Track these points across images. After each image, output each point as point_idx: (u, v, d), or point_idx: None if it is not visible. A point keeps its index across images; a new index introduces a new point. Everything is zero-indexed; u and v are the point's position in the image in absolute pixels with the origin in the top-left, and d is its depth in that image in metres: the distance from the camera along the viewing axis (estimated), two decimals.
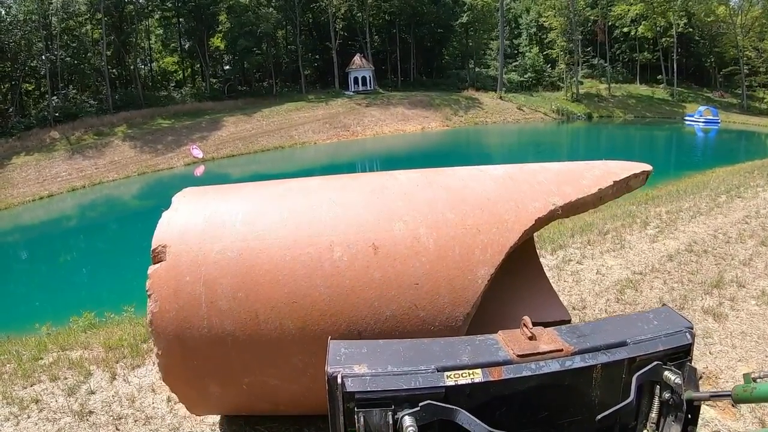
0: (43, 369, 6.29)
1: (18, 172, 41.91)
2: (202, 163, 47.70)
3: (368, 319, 3.52)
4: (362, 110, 60.74)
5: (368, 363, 2.49)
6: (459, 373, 2.44)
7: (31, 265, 27.14)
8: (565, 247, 8.90)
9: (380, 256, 3.59)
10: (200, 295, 3.60)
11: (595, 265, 7.91)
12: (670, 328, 2.78)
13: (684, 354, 2.71)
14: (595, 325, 2.85)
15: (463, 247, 3.61)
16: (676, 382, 2.59)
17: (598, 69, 72.68)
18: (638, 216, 10.68)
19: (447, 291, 3.52)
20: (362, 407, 2.37)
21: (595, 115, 63.01)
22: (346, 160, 49.51)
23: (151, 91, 64.62)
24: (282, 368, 3.64)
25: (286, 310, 3.54)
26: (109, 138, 49.03)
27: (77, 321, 9.89)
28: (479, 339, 2.70)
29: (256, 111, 58.21)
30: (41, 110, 53.43)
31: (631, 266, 7.75)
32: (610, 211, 11.79)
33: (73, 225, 34.91)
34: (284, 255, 3.64)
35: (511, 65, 74.86)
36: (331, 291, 3.54)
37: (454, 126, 59.68)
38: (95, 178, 42.73)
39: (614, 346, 2.63)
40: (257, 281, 3.59)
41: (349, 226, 3.75)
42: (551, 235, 9.84)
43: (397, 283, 3.54)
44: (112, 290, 20.11)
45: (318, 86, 70.92)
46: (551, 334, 2.71)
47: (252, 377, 3.70)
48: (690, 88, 70.28)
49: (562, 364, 2.54)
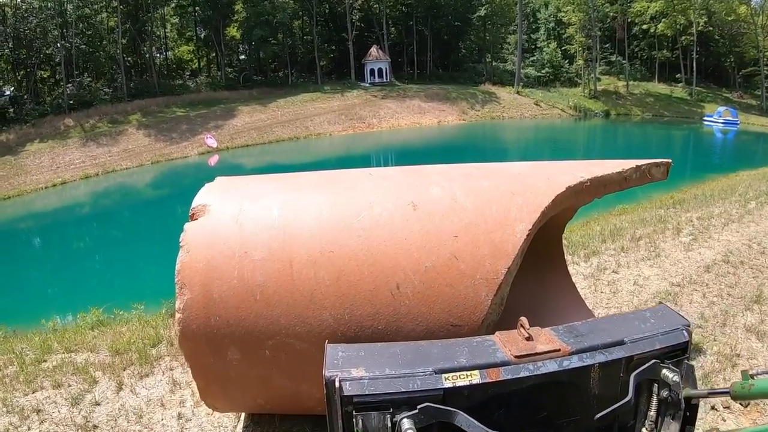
0: (47, 374, 6.01)
1: (32, 159, 41.77)
2: (217, 152, 47.44)
3: (407, 269, 3.42)
4: (378, 102, 60.31)
5: (366, 366, 2.52)
6: (457, 375, 2.47)
7: (41, 254, 26.92)
8: (598, 254, 8.53)
9: (419, 212, 3.59)
10: (234, 246, 3.55)
11: (631, 275, 7.53)
12: (668, 326, 2.82)
13: (682, 352, 2.75)
14: (593, 324, 2.89)
15: (500, 207, 3.61)
16: (674, 380, 2.62)
17: (616, 66, 71.74)
18: (669, 221, 10.30)
19: (486, 243, 3.46)
20: (360, 410, 2.40)
21: (612, 113, 62.11)
22: (362, 152, 49.29)
23: (166, 80, 64.13)
24: (312, 325, 3.44)
25: (322, 260, 3.47)
26: (124, 126, 48.84)
27: (85, 318, 9.61)
28: (477, 340, 2.74)
29: (272, 101, 57.87)
30: (56, 97, 53.19)
31: (668, 277, 7.38)
32: (638, 215, 11.44)
33: (85, 213, 34.74)
34: (322, 210, 3.66)
35: (529, 60, 73.90)
36: (370, 242, 3.50)
37: (470, 120, 59.06)
38: (108, 166, 42.54)
39: (612, 345, 2.67)
40: (294, 233, 3.56)
41: (388, 190, 3.82)
42: (581, 239, 9.47)
43: (437, 236, 3.49)
44: (122, 282, 19.91)
45: (334, 77, 70.36)
46: (548, 335, 2.74)
47: (277, 339, 3.49)
48: (708, 87, 69.16)
49: (560, 364, 2.57)
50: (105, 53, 59.52)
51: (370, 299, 3.38)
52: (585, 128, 58.86)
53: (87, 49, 57.02)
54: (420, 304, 3.36)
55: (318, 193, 3.87)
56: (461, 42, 77.56)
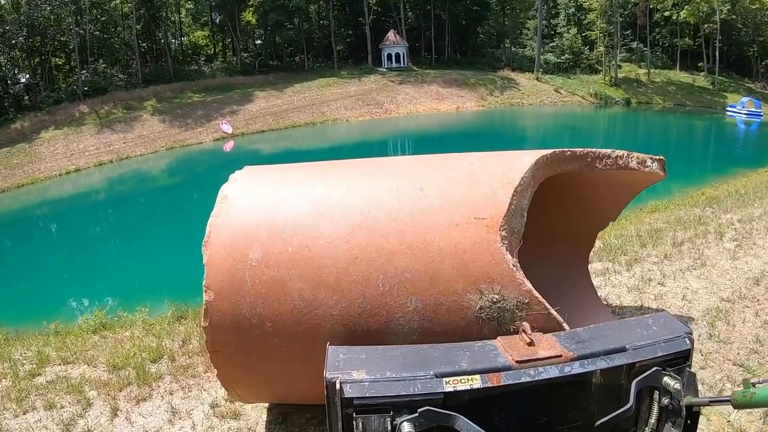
0: (39, 391, 5.64)
1: (46, 146, 41.59)
2: (232, 138, 47.30)
3: (433, 177, 3.88)
4: (395, 87, 59.59)
5: (367, 369, 2.53)
6: (458, 379, 2.49)
7: (53, 244, 26.55)
8: (640, 261, 7.91)
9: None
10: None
11: (678, 288, 6.92)
12: (669, 333, 2.82)
13: (683, 359, 2.75)
14: (595, 330, 2.89)
15: (506, 158, 4.07)
16: (676, 387, 2.61)
17: (637, 53, 70.48)
18: (709, 223, 9.65)
19: (500, 167, 3.85)
20: (361, 413, 2.40)
21: (633, 101, 60.84)
22: (379, 138, 49.09)
23: (182, 66, 63.80)
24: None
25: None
26: (138, 112, 48.56)
27: (87, 320, 9.21)
28: (478, 345, 2.76)
29: (288, 86, 57.37)
30: (71, 84, 53.09)
31: (717, 291, 6.74)
32: (672, 214, 10.82)
33: (98, 200, 34.55)
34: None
35: (548, 46, 72.66)
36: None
37: (489, 106, 58.19)
38: (123, 152, 42.32)
39: (613, 351, 2.68)
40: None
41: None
42: (618, 241, 8.87)
43: (458, 160, 4.19)
44: (133, 272, 19.62)
45: (350, 62, 69.64)
46: (550, 340, 2.76)
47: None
48: (731, 77, 67.58)
49: (561, 370, 2.57)
50: (119, 39, 59.25)
51: (398, 196, 3.69)
52: (605, 116, 57.73)
53: (101, 35, 56.77)
54: (443, 203, 3.59)
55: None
56: (480, 27, 76.45)
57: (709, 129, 51.38)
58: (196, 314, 7.74)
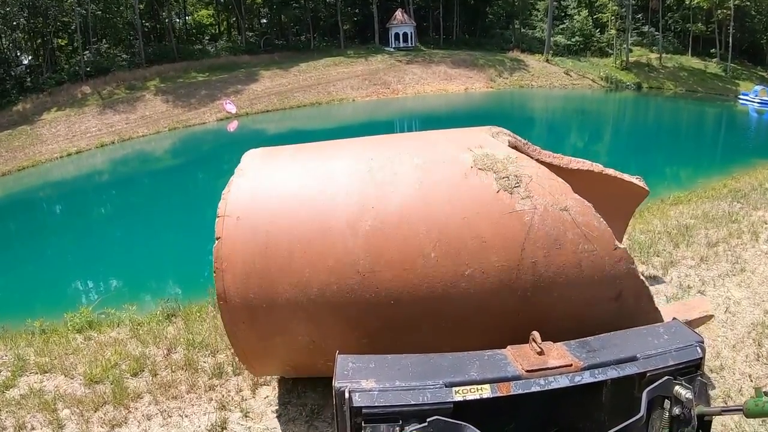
0: (11, 408, 5.22)
1: (48, 128, 40.97)
2: (236, 118, 46.75)
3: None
4: (403, 67, 58.77)
5: (376, 378, 2.52)
6: (467, 388, 2.47)
7: (49, 230, 25.66)
8: (676, 264, 7.39)
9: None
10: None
11: (720, 298, 6.39)
12: (681, 342, 2.79)
13: (695, 368, 2.71)
14: (606, 339, 2.86)
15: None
16: (687, 396, 2.56)
17: (648, 37, 69.12)
18: (740, 221, 9.11)
19: None
20: (369, 422, 2.38)
21: (644, 86, 59.62)
22: (386, 118, 48.45)
23: (186, 45, 62.89)
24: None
25: None
26: (141, 92, 47.97)
27: (73, 317, 8.72)
28: (488, 354, 2.74)
29: (293, 65, 56.63)
30: (73, 65, 52.32)
31: (761, 302, 6.22)
32: (699, 208, 10.25)
33: (100, 183, 34.06)
34: None
35: (558, 28, 71.46)
36: None
37: (498, 88, 57.31)
38: (125, 133, 41.69)
39: (624, 361, 2.65)
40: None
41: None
42: (645, 237, 8.34)
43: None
44: (129, 262, 19.12)
45: (357, 41, 68.71)
46: (561, 349, 2.73)
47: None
48: (743, 64, 66.27)
49: (572, 380, 2.55)
50: (122, 19, 58.32)
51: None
52: (616, 101, 56.82)
53: (104, 15, 55.88)
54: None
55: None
56: (489, 7, 75.31)
57: (721, 116, 50.52)
58: (186, 314, 7.44)
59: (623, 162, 32.05)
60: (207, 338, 6.18)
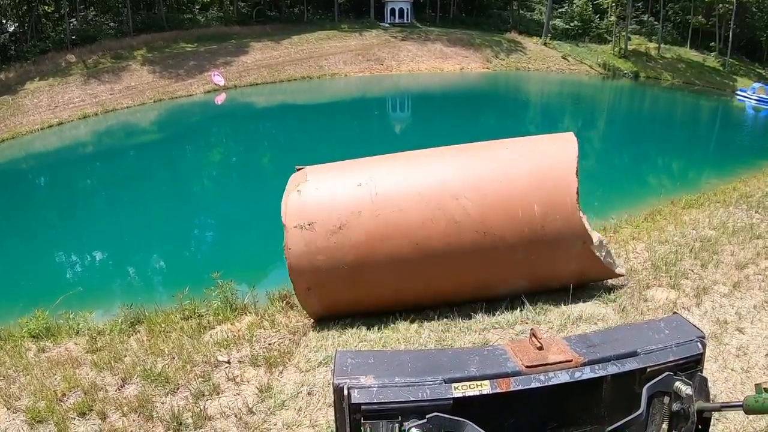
0: None
1: (30, 98, 39.56)
2: (224, 90, 45.84)
3: None
4: (398, 44, 57.76)
5: (375, 374, 2.50)
6: (467, 384, 2.46)
7: (22, 209, 24.39)
8: (708, 292, 6.65)
9: None
10: None
11: (760, 337, 5.64)
12: (682, 337, 2.74)
13: (695, 364, 2.69)
14: (606, 334, 2.85)
15: None
16: (687, 392, 2.54)
17: (647, 27, 68.58)
18: (764, 237, 8.53)
19: None
20: (369, 419, 2.39)
21: (642, 75, 59.20)
22: (378, 95, 48.13)
23: (175, 14, 61.20)
24: None
25: None
26: (127, 62, 46.64)
27: (28, 323, 7.87)
28: (487, 350, 2.73)
29: (285, 38, 55.54)
30: (59, 33, 50.88)
31: None
32: (715, 216, 9.78)
33: (82, 155, 32.85)
34: None
35: (557, 11, 70.50)
36: None
37: (494, 69, 56.54)
38: (108, 104, 40.38)
39: (624, 356, 2.62)
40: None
41: None
42: (666, 251, 7.60)
43: None
44: (99, 251, 18.12)
45: (352, 15, 67.24)
46: (561, 345, 2.70)
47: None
48: (741, 60, 66.23)
49: (572, 375, 2.54)
50: None
51: None
52: (613, 89, 56.37)
53: None
54: None
55: None
56: None
57: (717, 111, 50.28)
58: (150, 320, 6.91)
59: (618, 151, 31.44)
60: (168, 365, 5.23)
